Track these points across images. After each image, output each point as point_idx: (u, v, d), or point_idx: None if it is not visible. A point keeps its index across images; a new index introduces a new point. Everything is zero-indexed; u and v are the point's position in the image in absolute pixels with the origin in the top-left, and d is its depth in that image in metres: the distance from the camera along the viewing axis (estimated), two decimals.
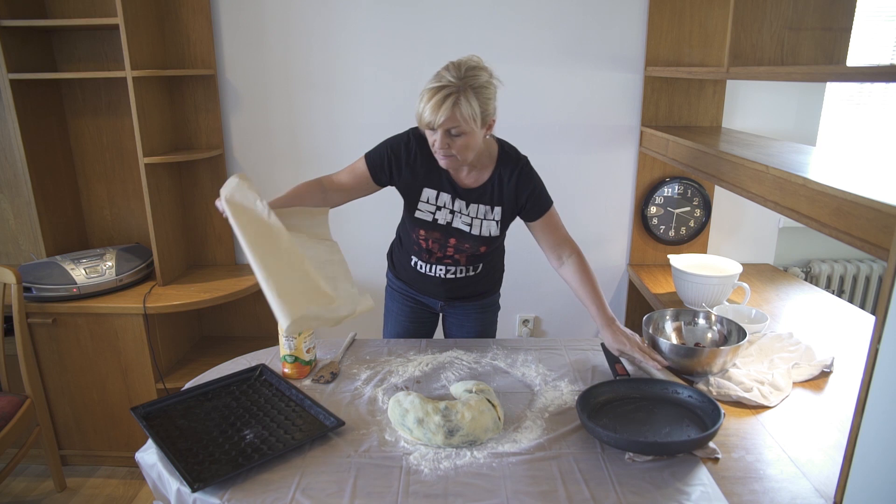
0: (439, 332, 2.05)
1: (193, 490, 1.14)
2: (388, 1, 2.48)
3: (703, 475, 1.19)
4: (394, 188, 1.73)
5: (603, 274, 2.80)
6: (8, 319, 2.25)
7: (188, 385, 1.54)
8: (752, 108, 2.58)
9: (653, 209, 2.65)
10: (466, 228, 1.68)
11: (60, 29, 2.44)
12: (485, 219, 1.68)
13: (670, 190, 2.63)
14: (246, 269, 2.72)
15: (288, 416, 1.40)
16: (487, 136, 1.61)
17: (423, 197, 1.67)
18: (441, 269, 1.77)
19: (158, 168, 2.45)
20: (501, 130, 2.60)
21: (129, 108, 2.45)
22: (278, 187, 2.72)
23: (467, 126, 1.47)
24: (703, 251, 2.71)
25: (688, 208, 2.65)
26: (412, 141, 1.65)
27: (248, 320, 2.85)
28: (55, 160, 2.54)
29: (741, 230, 2.72)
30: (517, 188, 1.65)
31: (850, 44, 1.76)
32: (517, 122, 2.61)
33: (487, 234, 1.69)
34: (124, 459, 2.51)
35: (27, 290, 2.28)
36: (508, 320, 2.89)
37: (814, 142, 2.61)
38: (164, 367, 2.49)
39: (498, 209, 1.67)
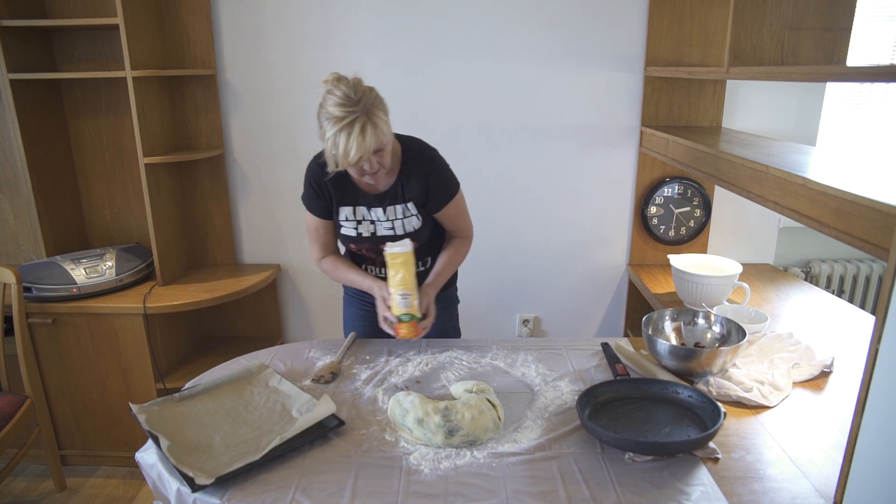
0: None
1: (194, 491, 1.14)
2: (388, 1, 2.48)
3: (703, 475, 1.19)
4: None
5: (603, 274, 2.80)
6: (8, 319, 2.25)
7: (188, 385, 1.54)
8: (752, 108, 2.58)
9: (653, 209, 2.65)
10: (390, 232, 1.71)
11: (60, 29, 2.44)
12: (404, 217, 1.70)
13: (670, 190, 2.63)
14: (246, 269, 2.72)
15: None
16: None
17: (342, 216, 1.71)
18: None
19: (158, 168, 2.45)
20: (502, 130, 2.62)
21: (129, 108, 2.45)
22: (278, 187, 2.74)
23: (387, 139, 1.50)
24: (703, 251, 2.71)
25: (688, 208, 2.65)
26: (316, 168, 1.67)
27: (248, 320, 2.85)
28: (55, 160, 2.54)
29: (741, 230, 2.72)
30: (426, 181, 1.67)
31: (850, 44, 1.76)
32: (517, 122, 2.61)
33: (412, 230, 1.71)
34: (124, 459, 2.51)
35: (27, 290, 2.28)
36: (508, 320, 2.89)
37: (814, 142, 2.61)
38: (164, 367, 2.49)
39: (411, 203, 1.69)
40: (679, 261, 2.24)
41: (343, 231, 1.74)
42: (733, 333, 1.60)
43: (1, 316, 2.20)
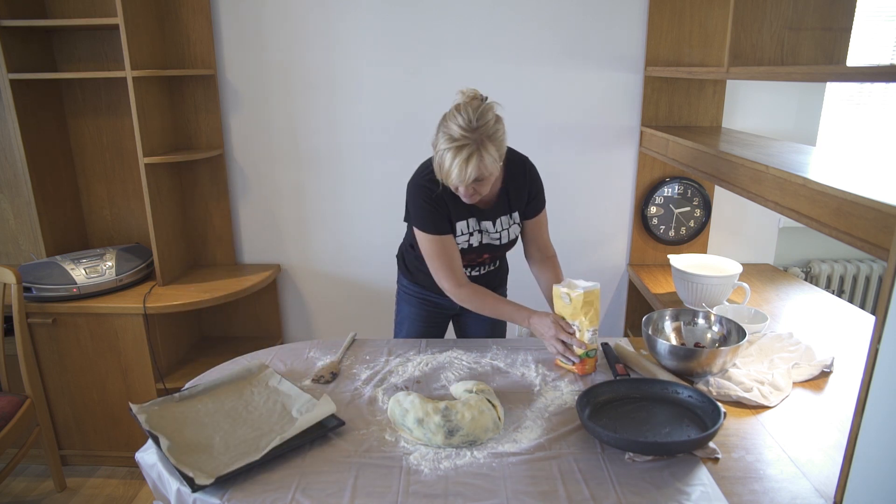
0: (450, 333, 2.06)
1: (194, 491, 1.14)
2: (388, 1, 2.48)
3: (703, 475, 1.19)
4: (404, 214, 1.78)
5: (603, 274, 2.80)
6: (8, 319, 2.25)
7: (188, 385, 1.54)
8: (752, 108, 2.58)
9: (653, 209, 2.65)
10: (497, 242, 1.76)
11: (60, 29, 2.44)
12: (509, 227, 1.76)
13: (670, 190, 2.63)
14: (246, 269, 2.72)
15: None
16: None
17: (458, 230, 1.71)
18: (466, 270, 1.82)
19: (158, 168, 2.45)
20: None
21: (129, 108, 2.45)
22: (278, 187, 2.74)
23: (491, 173, 1.52)
24: (703, 251, 2.71)
25: (688, 208, 2.65)
26: (430, 185, 1.64)
27: (248, 320, 2.85)
28: (55, 160, 2.54)
29: (741, 230, 2.72)
30: (527, 188, 1.73)
31: (850, 44, 1.76)
32: (517, 122, 2.59)
33: (515, 237, 1.80)
34: (124, 459, 2.51)
35: (27, 290, 2.28)
36: None
37: (814, 142, 2.61)
38: (164, 367, 2.49)
39: (516, 213, 1.76)
40: (679, 261, 2.24)
41: (459, 245, 1.72)
42: (733, 333, 1.60)
43: (1, 316, 2.20)
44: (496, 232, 1.74)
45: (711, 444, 1.26)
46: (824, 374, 1.59)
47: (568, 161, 2.65)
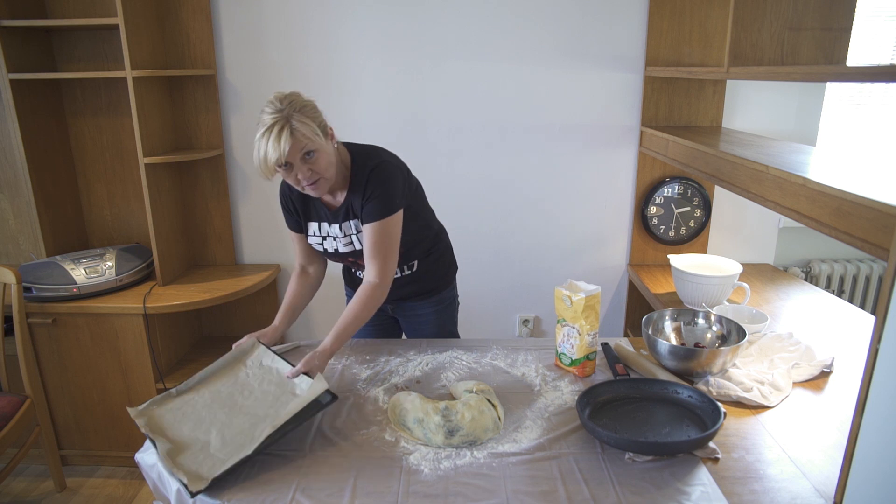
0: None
1: (192, 496, 1.14)
2: (388, 1, 2.48)
3: (703, 475, 1.19)
4: None
5: (603, 274, 2.80)
6: (8, 319, 2.25)
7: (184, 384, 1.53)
8: (752, 108, 2.58)
9: (653, 209, 2.65)
10: (349, 248, 1.68)
11: (60, 29, 2.44)
12: (356, 233, 1.65)
13: (670, 190, 2.63)
14: (246, 269, 2.72)
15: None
16: (336, 147, 1.58)
17: (310, 231, 1.72)
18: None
19: (158, 168, 2.45)
20: (502, 130, 2.62)
21: (129, 108, 2.45)
22: (278, 187, 2.72)
23: (312, 142, 1.45)
24: (703, 251, 2.71)
25: (688, 208, 2.65)
26: (283, 186, 1.70)
27: (248, 320, 2.85)
28: (55, 160, 2.54)
29: (741, 230, 2.72)
30: (362, 190, 1.58)
31: (850, 44, 1.76)
32: (517, 122, 2.61)
33: None
34: (124, 459, 2.51)
35: (27, 290, 2.28)
36: (508, 320, 2.89)
37: (814, 142, 2.61)
38: (164, 367, 2.49)
39: (357, 221, 1.63)
40: (679, 261, 2.24)
41: (313, 246, 1.74)
42: (733, 333, 1.60)
43: (1, 316, 2.20)
44: (344, 237, 1.66)
45: (711, 444, 1.26)
46: (824, 374, 1.59)
47: (568, 161, 2.65)
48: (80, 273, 2.34)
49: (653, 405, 1.40)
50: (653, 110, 2.56)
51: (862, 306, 2.81)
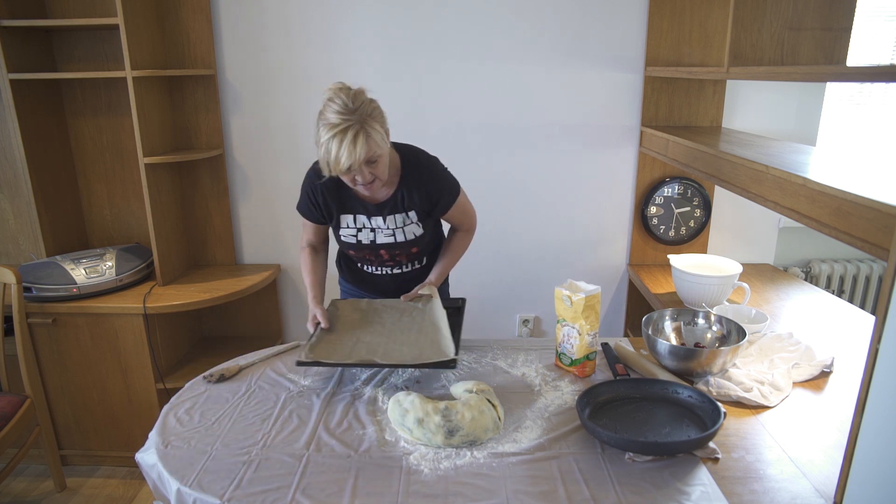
0: None
1: (298, 364, 1.47)
2: (388, 1, 2.48)
3: (703, 475, 1.19)
4: None
5: (603, 273, 2.80)
6: (8, 319, 2.25)
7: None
8: (752, 108, 2.58)
9: (653, 209, 2.65)
10: (391, 240, 1.74)
11: (60, 29, 2.44)
12: (405, 225, 1.72)
13: (670, 190, 2.63)
14: (246, 269, 2.72)
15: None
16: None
17: (343, 223, 1.74)
18: (388, 269, 1.84)
19: (158, 168, 2.45)
20: (502, 130, 2.62)
21: (129, 108, 2.45)
22: (279, 187, 2.74)
23: (381, 149, 1.50)
24: (703, 251, 2.71)
25: (688, 208, 2.65)
26: (314, 176, 1.69)
27: (248, 320, 2.85)
28: (55, 160, 2.54)
29: (741, 230, 2.72)
30: (425, 188, 1.70)
31: (850, 44, 1.76)
32: (517, 122, 2.61)
33: (413, 237, 1.75)
34: (124, 459, 2.51)
35: (27, 290, 2.28)
36: (508, 320, 2.89)
37: (814, 142, 2.61)
38: (164, 367, 2.49)
39: (413, 213, 1.72)
40: (679, 261, 2.24)
41: (343, 239, 1.76)
42: (733, 333, 1.60)
43: (1, 316, 2.20)
44: (388, 229, 1.72)
45: (711, 444, 1.26)
46: (824, 374, 1.59)
47: (568, 161, 2.65)
48: (80, 273, 2.35)
49: (653, 405, 1.40)
50: (653, 110, 2.56)
51: (862, 306, 2.81)
